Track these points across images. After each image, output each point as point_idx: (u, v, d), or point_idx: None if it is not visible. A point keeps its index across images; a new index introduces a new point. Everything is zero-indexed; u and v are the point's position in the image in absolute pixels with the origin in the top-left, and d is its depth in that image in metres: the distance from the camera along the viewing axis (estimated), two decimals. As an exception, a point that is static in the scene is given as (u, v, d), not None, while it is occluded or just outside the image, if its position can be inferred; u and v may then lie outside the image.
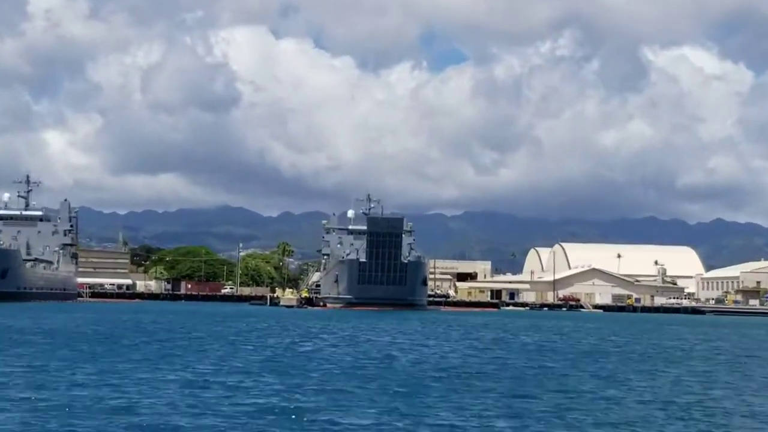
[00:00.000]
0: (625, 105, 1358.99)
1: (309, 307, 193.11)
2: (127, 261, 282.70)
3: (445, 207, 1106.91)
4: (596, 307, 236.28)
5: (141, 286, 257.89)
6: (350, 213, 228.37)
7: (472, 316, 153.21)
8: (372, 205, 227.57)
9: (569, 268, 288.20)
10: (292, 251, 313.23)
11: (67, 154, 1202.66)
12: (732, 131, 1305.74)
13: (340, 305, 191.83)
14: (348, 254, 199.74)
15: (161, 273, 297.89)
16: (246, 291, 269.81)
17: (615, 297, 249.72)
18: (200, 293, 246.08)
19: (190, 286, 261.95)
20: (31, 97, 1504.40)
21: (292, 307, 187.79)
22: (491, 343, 72.62)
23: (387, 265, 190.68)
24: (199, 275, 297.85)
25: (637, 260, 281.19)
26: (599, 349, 68.15)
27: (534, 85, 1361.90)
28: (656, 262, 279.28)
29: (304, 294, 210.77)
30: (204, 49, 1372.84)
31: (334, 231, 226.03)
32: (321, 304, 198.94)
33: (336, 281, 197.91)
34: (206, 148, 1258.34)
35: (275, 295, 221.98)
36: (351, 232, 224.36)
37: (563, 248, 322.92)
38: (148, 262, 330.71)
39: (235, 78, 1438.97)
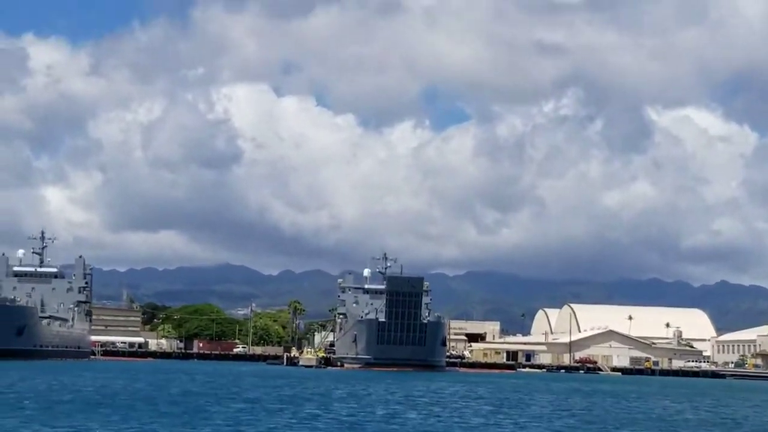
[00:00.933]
0: (629, 165, 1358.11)
1: (328, 368, 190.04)
2: (138, 319, 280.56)
3: (447, 267, 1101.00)
4: (614, 369, 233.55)
5: (153, 344, 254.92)
6: (366, 272, 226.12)
7: (514, 379, 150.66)
8: (388, 264, 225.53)
9: (579, 329, 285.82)
10: (303, 310, 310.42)
11: (66, 211, 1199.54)
12: (736, 193, 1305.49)
13: (359, 366, 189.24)
14: (367, 314, 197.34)
15: (169, 331, 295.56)
16: (258, 350, 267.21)
17: (633, 360, 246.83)
18: (212, 352, 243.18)
19: (201, 345, 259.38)
20: (31, 153, 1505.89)
21: (311, 367, 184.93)
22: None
23: (407, 325, 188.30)
24: (207, 334, 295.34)
25: (649, 322, 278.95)
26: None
27: (537, 144, 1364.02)
28: (668, 325, 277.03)
29: (321, 354, 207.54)
30: (205, 105, 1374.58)
31: (349, 290, 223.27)
32: (338, 364, 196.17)
33: (354, 341, 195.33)
34: (207, 206, 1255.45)
35: (292, 354, 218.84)
36: (367, 291, 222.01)
37: (572, 309, 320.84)
38: (155, 320, 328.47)
39: (236, 135, 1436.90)
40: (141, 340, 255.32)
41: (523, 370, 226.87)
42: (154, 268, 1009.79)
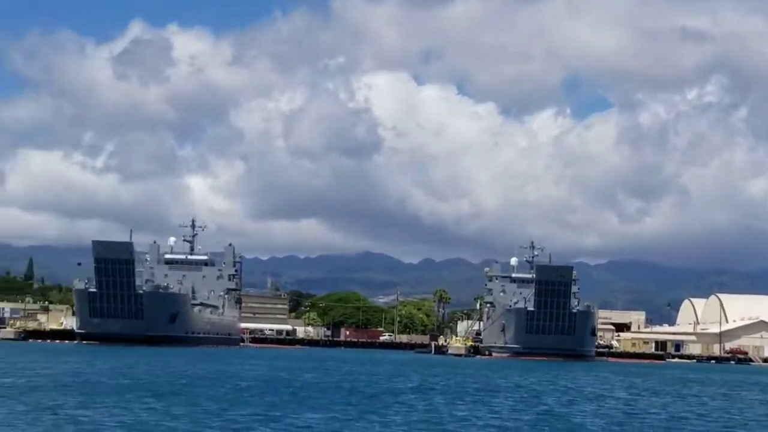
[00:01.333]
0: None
1: (477, 356, 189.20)
2: (285, 307, 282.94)
3: (588, 256, 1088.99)
4: (765, 360, 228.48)
5: (300, 332, 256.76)
6: (513, 261, 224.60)
7: (677, 370, 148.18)
8: (535, 253, 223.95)
9: (726, 319, 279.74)
10: (449, 299, 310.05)
11: (209, 200, 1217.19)
12: None
13: (507, 355, 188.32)
14: (516, 303, 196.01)
15: (314, 319, 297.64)
16: (403, 338, 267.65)
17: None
18: (359, 340, 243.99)
19: (348, 332, 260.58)
20: (175, 142, 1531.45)
21: (460, 355, 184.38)
22: None
23: (556, 315, 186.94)
24: (352, 322, 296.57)
25: None
26: None
27: (681, 132, 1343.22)
28: None
29: (469, 342, 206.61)
30: (346, 94, 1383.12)
31: (496, 279, 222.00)
32: (486, 353, 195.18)
33: (503, 330, 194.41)
34: (348, 194, 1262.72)
35: (439, 343, 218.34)
36: (514, 280, 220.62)
37: (719, 299, 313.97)
38: (300, 308, 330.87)
39: (376, 124, 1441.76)
40: (289, 327, 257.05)
41: (672, 360, 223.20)
42: (295, 256, 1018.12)
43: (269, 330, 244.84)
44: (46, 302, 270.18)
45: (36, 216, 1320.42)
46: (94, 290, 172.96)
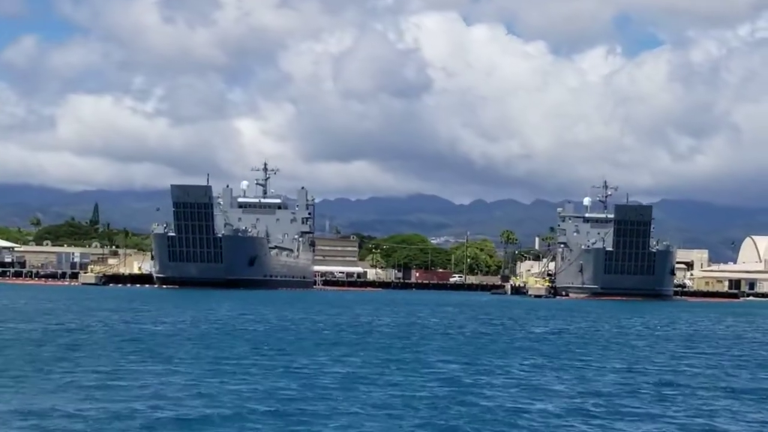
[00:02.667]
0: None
1: (557, 297, 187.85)
2: (355, 249, 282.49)
3: (640, 195, 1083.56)
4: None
5: (371, 274, 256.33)
6: (586, 201, 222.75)
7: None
8: (609, 193, 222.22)
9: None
10: (516, 240, 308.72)
11: (259, 143, 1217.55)
12: None
13: (585, 295, 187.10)
14: (593, 243, 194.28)
15: (378, 260, 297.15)
16: (471, 279, 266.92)
17: None
18: (430, 282, 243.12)
19: (418, 274, 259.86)
20: (225, 86, 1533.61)
21: (540, 296, 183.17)
22: None
23: (635, 255, 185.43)
24: (416, 263, 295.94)
25: None
26: None
27: (732, 68, 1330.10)
28: None
29: (547, 283, 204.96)
30: (395, 35, 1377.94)
31: (569, 219, 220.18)
32: (563, 293, 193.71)
33: (580, 270, 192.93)
34: (398, 136, 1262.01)
35: (516, 283, 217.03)
36: (587, 220, 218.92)
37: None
38: (362, 250, 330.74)
39: (426, 64, 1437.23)
40: (360, 270, 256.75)
41: (747, 299, 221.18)
42: (346, 199, 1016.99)
43: (339, 273, 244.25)
44: (114, 246, 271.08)
45: (87, 161, 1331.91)
46: (173, 234, 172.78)
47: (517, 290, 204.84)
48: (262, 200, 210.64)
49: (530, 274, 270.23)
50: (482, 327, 68.73)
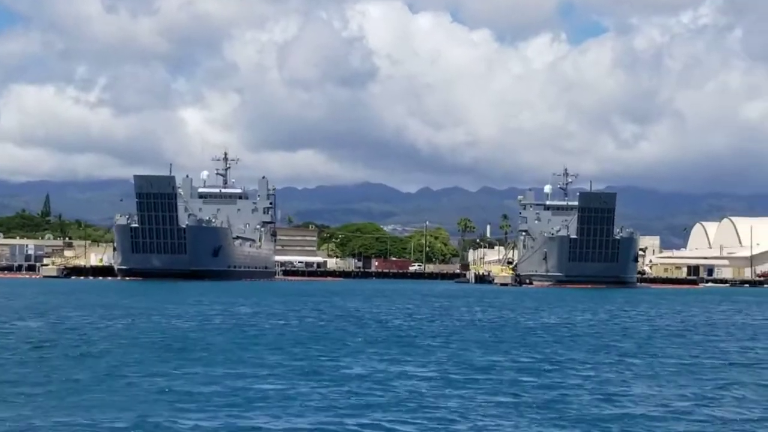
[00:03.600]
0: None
1: (522, 286, 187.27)
2: (314, 239, 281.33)
3: (585, 182, 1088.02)
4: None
5: (331, 263, 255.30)
6: (547, 188, 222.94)
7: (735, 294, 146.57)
8: (569, 180, 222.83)
9: (740, 243, 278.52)
10: (474, 227, 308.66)
11: (204, 132, 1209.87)
12: None
13: (549, 283, 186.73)
14: (558, 230, 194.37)
15: (333, 250, 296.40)
16: (430, 268, 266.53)
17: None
18: (390, 271, 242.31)
19: (377, 263, 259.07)
20: (169, 75, 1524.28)
21: (506, 285, 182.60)
22: None
23: (599, 242, 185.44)
24: (372, 252, 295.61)
25: None
26: None
27: (676, 55, 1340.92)
28: None
29: (511, 272, 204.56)
30: (340, 23, 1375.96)
31: (531, 207, 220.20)
32: (527, 281, 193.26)
33: (545, 258, 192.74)
34: (344, 124, 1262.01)
35: (480, 272, 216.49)
36: (548, 207, 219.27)
37: (733, 222, 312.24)
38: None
39: (371, 52, 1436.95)
40: (320, 259, 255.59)
41: (706, 285, 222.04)
42: (293, 188, 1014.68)
43: (298, 262, 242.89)
44: (68, 238, 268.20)
45: (30, 151, 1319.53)
46: (136, 225, 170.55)
47: (481, 279, 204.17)
48: (223, 190, 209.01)
49: (484, 262, 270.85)
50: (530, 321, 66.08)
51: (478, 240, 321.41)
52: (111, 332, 46.56)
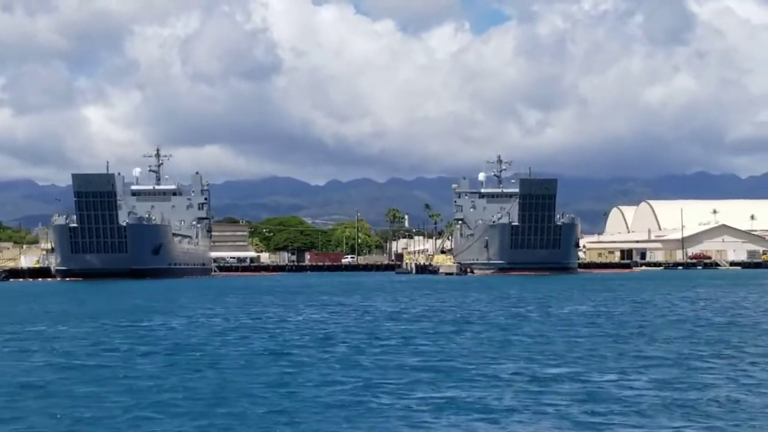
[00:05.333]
0: (671, 58, 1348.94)
1: (468, 274, 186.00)
2: (245, 234, 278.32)
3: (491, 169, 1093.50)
4: (732, 264, 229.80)
5: (264, 258, 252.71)
6: (481, 176, 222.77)
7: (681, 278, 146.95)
8: (503, 167, 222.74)
9: (659, 226, 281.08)
10: (402, 218, 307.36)
11: (107, 130, 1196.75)
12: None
13: (491, 271, 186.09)
14: (500, 218, 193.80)
15: (257, 244, 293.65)
16: (362, 260, 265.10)
17: (750, 253, 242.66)
18: (324, 264, 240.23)
19: (310, 257, 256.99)
20: (69, 73, 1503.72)
21: (451, 274, 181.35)
22: None
23: (541, 228, 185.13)
24: (297, 246, 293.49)
25: (734, 214, 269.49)
26: None
27: (578, 42, 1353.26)
28: (752, 217, 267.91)
29: (451, 260, 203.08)
30: (243, 16, 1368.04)
31: (466, 195, 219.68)
32: (469, 270, 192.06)
33: (486, 246, 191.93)
34: (249, 118, 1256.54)
35: (422, 262, 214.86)
36: (483, 195, 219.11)
37: (651, 206, 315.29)
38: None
39: (275, 45, 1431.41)
40: (253, 254, 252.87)
41: (639, 269, 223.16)
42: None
43: (231, 258, 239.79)
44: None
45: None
46: (75, 225, 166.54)
47: (423, 269, 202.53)
48: (157, 187, 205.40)
49: (417, 252, 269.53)
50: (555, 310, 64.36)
51: (404, 230, 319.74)
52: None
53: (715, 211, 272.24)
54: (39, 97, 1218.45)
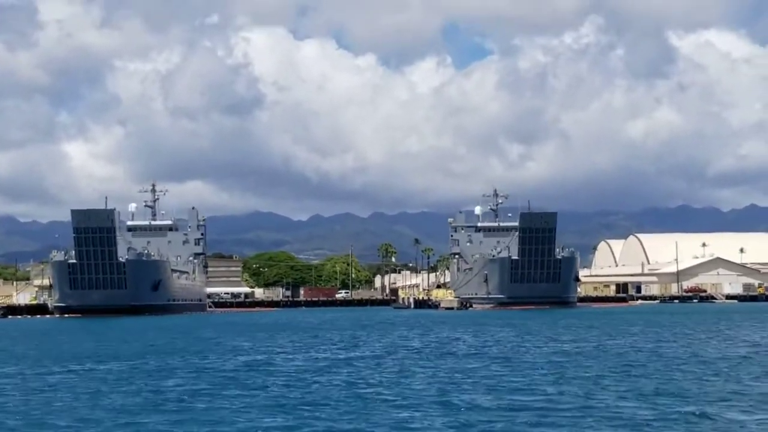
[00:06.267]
0: (652, 91, 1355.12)
1: (469, 309, 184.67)
2: (239, 269, 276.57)
3: (475, 203, 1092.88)
4: (728, 297, 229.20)
5: (258, 293, 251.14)
6: (477, 210, 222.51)
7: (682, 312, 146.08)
8: (500, 201, 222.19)
9: (647, 260, 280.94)
10: (395, 252, 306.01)
11: (89, 166, 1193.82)
12: (762, 115, 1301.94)
13: (490, 305, 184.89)
14: (499, 252, 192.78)
15: (247, 279, 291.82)
16: (357, 294, 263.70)
17: (745, 286, 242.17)
18: (319, 299, 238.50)
19: (303, 292, 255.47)
20: (51, 108, 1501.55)
21: (452, 309, 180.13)
22: None
23: (541, 262, 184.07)
24: (287, 281, 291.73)
25: (723, 247, 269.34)
26: None
27: (559, 75, 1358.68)
28: (742, 250, 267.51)
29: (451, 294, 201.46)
30: (224, 51, 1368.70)
31: (462, 229, 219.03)
32: (467, 305, 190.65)
33: (485, 281, 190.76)
34: (231, 154, 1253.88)
35: (420, 297, 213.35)
36: (479, 229, 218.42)
37: (639, 239, 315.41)
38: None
39: (256, 80, 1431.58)
40: (247, 290, 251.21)
41: (636, 303, 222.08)
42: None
43: (225, 293, 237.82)
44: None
45: None
46: (74, 261, 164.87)
47: (421, 304, 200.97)
48: (153, 222, 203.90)
49: (401, 287, 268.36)
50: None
51: (392, 265, 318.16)
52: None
53: (704, 244, 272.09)
54: (20, 132, 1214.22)
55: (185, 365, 48.81)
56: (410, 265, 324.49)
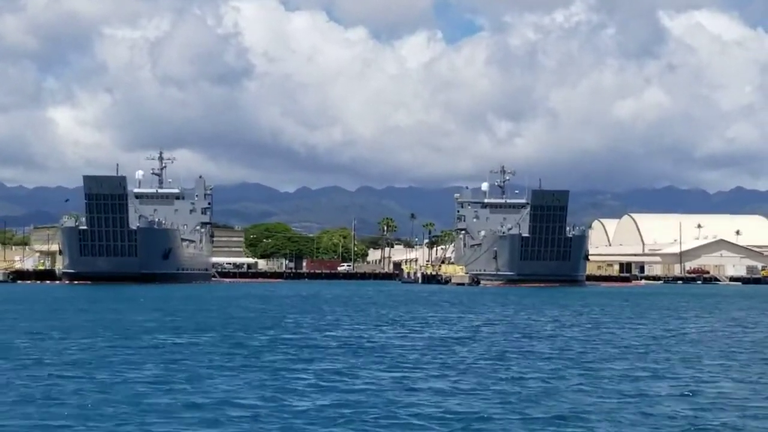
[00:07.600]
0: (642, 71, 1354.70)
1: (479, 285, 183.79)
2: (241, 239, 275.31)
3: (462, 180, 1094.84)
4: (732, 279, 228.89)
5: (261, 264, 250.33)
6: (484, 186, 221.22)
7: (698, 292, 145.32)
8: (507, 178, 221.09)
9: (642, 239, 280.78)
10: (396, 227, 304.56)
11: (75, 133, 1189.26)
12: (752, 98, 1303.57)
13: (500, 282, 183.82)
14: (510, 228, 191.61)
15: (245, 251, 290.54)
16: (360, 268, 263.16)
17: (749, 269, 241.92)
18: (322, 271, 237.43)
19: (305, 264, 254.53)
20: (38, 74, 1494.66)
21: (463, 284, 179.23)
22: None
23: (551, 240, 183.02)
24: (283, 253, 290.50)
25: (717, 229, 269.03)
26: None
27: (549, 53, 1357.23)
28: (738, 232, 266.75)
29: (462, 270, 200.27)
30: (214, 20, 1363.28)
31: (468, 205, 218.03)
32: (475, 281, 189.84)
33: (495, 257, 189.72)
34: (220, 124, 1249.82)
35: (429, 272, 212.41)
36: (486, 205, 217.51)
37: (633, 219, 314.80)
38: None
39: (246, 50, 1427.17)
40: (251, 260, 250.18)
41: (640, 282, 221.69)
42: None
43: (227, 263, 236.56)
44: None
45: None
46: (85, 228, 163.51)
47: (430, 278, 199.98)
48: (160, 190, 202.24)
49: (404, 261, 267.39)
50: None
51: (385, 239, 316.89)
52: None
53: (699, 226, 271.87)
54: (6, 98, 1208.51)
55: (302, 339, 46.67)
56: (403, 239, 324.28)
